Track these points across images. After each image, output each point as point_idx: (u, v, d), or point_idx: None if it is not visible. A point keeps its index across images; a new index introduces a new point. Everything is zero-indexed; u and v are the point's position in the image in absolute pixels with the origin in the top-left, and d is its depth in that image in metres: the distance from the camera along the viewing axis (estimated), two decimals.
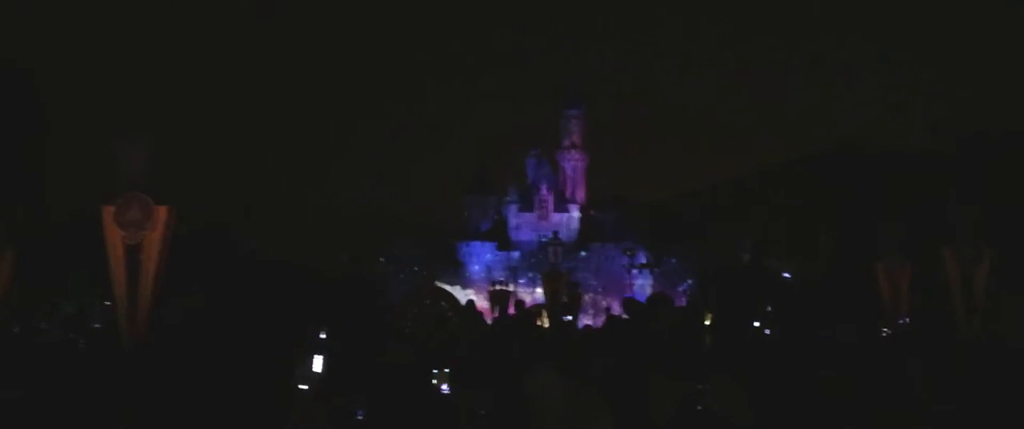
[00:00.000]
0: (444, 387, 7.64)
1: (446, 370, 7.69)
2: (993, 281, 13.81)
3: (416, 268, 62.95)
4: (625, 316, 13.08)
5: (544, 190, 65.88)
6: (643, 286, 59.69)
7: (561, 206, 66.05)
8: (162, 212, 9.60)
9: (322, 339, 7.86)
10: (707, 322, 11.72)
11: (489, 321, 16.70)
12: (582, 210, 67.32)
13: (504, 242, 65.18)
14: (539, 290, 41.16)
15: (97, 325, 13.27)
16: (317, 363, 7.31)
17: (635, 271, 61.68)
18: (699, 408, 6.99)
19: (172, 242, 9.68)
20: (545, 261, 36.19)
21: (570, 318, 22.05)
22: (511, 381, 7.22)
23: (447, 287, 59.63)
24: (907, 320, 15.46)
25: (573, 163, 67.81)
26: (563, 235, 55.37)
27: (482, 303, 41.85)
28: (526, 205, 66.24)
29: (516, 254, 63.92)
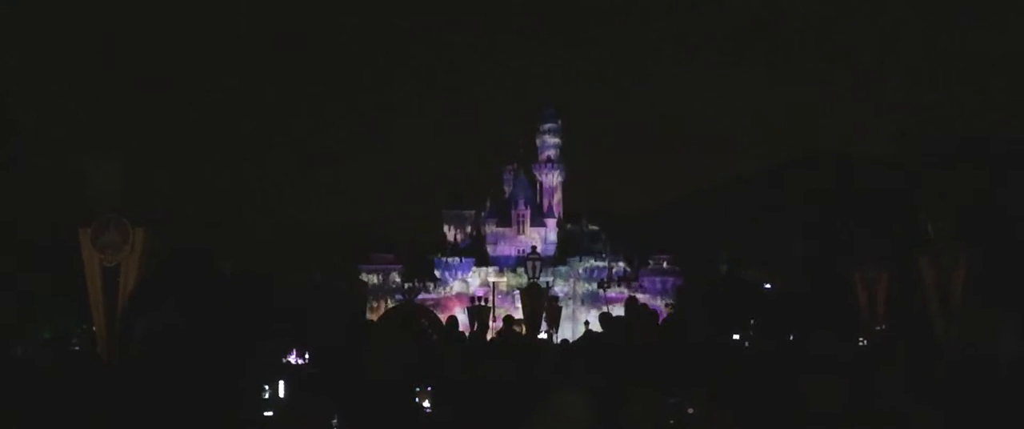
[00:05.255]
0: (426, 404, 7.65)
1: (429, 388, 7.70)
2: (969, 286, 13.88)
3: (396, 284, 62.83)
4: (601, 330, 13.11)
5: (521, 204, 65.90)
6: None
7: (538, 220, 66.07)
8: (139, 234, 9.57)
9: (287, 363, 7.86)
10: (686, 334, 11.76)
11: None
12: (559, 224, 67.37)
13: (482, 257, 65.14)
14: (518, 304, 41.16)
15: (76, 347, 13.18)
16: (281, 388, 7.32)
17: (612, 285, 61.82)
18: (672, 423, 7.03)
19: (150, 263, 9.64)
20: (524, 276, 36.19)
21: (547, 332, 22.02)
22: (492, 398, 7.23)
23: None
24: (883, 327, 15.59)
25: (550, 177, 67.85)
26: (541, 249, 55.50)
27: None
28: (503, 220, 66.22)
29: (493, 269, 63.91)
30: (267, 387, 8.31)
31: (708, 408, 7.25)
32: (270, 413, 7.19)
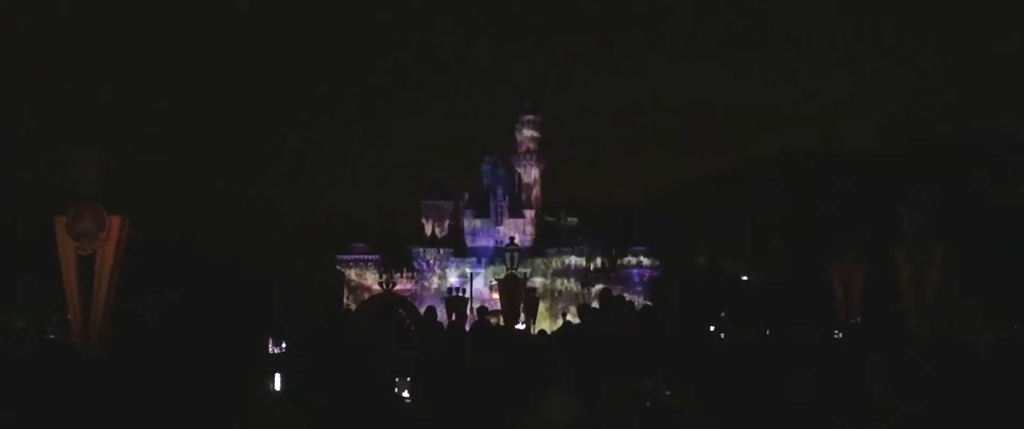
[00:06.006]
0: (405, 394, 7.65)
1: (408, 378, 7.70)
2: (949, 281, 14.02)
3: (373, 274, 62.67)
4: (579, 321, 13.15)
5: (500, 196, 65.80)
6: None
7: (517, 212, 66.03)
8: (115, 222, 9.49)
9: (280, 356, 7.83)
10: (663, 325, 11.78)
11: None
12: (538, 216, 67.34)
13: (461, 247, 65.05)
14: (495, 296, 41.12)
15: (51, 336, 13.08)
16: (277, 381, 7.28)
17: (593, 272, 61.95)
18: (649, 404, 7.06)
19: (127, 252, 9.58)
20: (502, 266, 36.16)
21: (525, 323, 22.00)
22: (471, 389, 7.23)
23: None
24: (858, 320, 15.70)
25: (529, 169, 67.81)
26: (519, 241, 55.30)
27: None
28: (482, 211, 66.14)
29: (472, 259, 63.82)
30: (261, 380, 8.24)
31: (685, 391, 7.30)
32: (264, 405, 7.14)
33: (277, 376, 7.36)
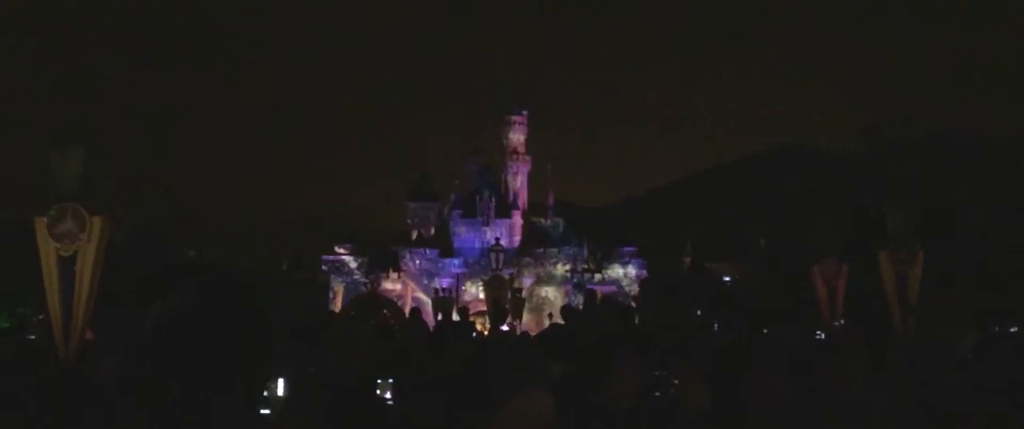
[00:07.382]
0: (387, 395, 7.63)
1: (391, 379, 7.67)
2: (931, 281, 14.07)
3: (358, 275, 62.61)
4: (563, 321, 13.18)
5: (486, 197, 65.80)
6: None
7: (504, 213, 66.02)
8: (97, 222, 9.45)
9: (282, 358, 7.74)
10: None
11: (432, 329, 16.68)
12: (524, 216, 67.38)
13: (447, 248, 65.02)
14: (482, 296, 41.11)
15: (31, 337, 13.03)
16: (280, 386, 7.23)
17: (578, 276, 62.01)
18: (658, 394, 7.04)
19: (107, 251, 9.54)
20: (488, 268, 36.21)
21: (510, 325, 22.00)
22: (454, 389, 7.23)
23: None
24: (841, 322, 15.73)
25: (515, 169, 67.84)
26: (505, 241, 55.50)
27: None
28: (468, 211, 66.12)
29: (458, 260, 63.83)
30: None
31: (695, 381, 7.28)
32: (267, 412, 7.05)
33: (281, 381, 7.29)
